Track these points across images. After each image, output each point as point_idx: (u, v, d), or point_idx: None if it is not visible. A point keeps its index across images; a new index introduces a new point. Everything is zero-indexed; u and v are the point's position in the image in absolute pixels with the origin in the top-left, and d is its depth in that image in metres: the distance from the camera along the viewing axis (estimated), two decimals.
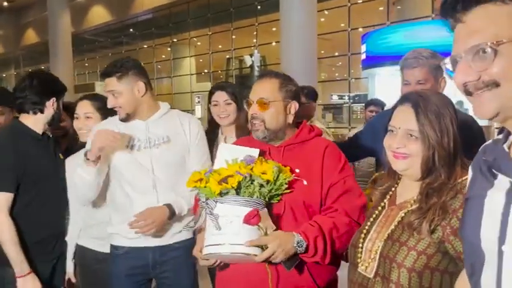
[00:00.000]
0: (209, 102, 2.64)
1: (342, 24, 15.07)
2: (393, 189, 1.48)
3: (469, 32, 0.86)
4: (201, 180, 1.58)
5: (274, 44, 15.48)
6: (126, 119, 2.12)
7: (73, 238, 2.38)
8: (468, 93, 0.87)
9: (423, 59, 2.16)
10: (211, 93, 2.63)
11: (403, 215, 1.36)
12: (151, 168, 2.11)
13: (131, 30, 22.03)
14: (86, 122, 2.28)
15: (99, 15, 21.51)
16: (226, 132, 2.60)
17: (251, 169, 1.57)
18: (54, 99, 2.33)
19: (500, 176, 0.90)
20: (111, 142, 1.98)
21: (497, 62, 0.82)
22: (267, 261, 1.56)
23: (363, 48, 11.76)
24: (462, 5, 0.86)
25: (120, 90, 2.08)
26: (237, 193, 1.55)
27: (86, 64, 26.07)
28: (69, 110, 2.60)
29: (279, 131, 1.76)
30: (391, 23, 12.98)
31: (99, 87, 22.57)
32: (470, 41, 0.85)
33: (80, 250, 2.37)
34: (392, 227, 1.35)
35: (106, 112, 2.29)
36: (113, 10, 20.88)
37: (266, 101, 1.73)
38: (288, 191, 1.64)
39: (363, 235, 1.43)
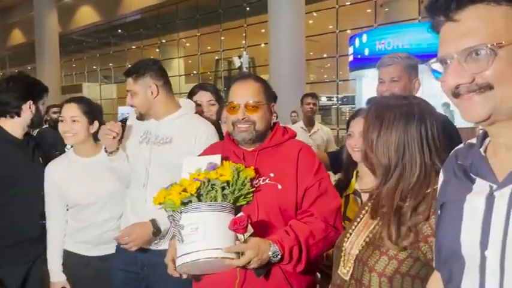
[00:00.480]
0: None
1: (330, 26, 15.16)
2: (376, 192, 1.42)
3: (463, 32, 0.82)
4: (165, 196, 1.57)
5: (263, 45, 15.50)
6: (141, 117, 2.20)
7: (58, 245, 2.31)
8: (456, 95, 0.84)
9: (398, 58, 2.24)
10: (193, 93, 2.56)
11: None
12: (148, 163, 2.14)
13: (119, 30, 21.89)
14: (72, 126, 2.24)
15: (86, 16, 21.34)
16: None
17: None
18: (31, 102, 2.31)
19: (478, 180, 0.89)
20: (110, 139, 2.11)
21: (494, 64, 0.80)
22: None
23: (350, 50, 11.85)
24: (456, 3, 0.83)
25: (136, 91, 2.16)
26: (200, 200, 1.53)
27: (74, 65, 25.81)
28: None
29: (264, 132, 1.75)
30: (379, 25, 13.10)
31: (87, 89, 22.42)
32: (463, 41, 0.82)
33: (65, 255, 2.34)
34: (372, 230, 1.33)
35: (93, 116, 2.29)
36: (100, 10, 20.73)
37: (256, 104, 1.72)
38: (252, 189, 1.62)
39: (346, 238, 1.41)
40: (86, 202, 2.26)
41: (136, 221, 2.10)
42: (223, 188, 1.55)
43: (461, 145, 0.99)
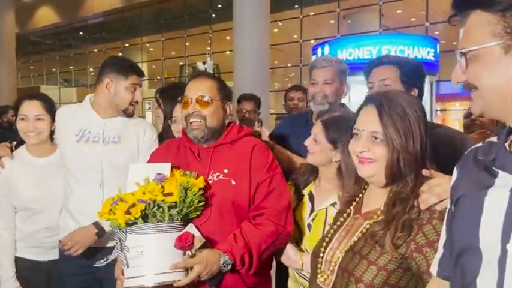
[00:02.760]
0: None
1: (295, 36, 15.37)
2: (360, 196, 1.40)
3: (462, 35, 0.91)
4: (110, 211, 1.52)
5: (228, 52, 15.51)
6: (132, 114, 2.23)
7: (10, 251, 2.22)
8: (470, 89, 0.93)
9: (331, 62, 2.29)
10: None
11: (368, 226, 1.27)
12: (100, 162, 2.11)
13: (81, 33, 21.31)
14: (36, 124, 2.18)
15: (46, 16, 20.66)
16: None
17: (160, 192, 1.52)
18: None
19: (501, 174, 0.89)
20: None
21: (469, 67, 0.89)
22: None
23: (313, 59, 12.02)
24: (463, 8, 0.91)
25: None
26: (145, 221, 1.49)
27: (31, 67, 24.88)
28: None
29: (217, 130, 1.75)
30: (341, 35, 13.41)
31: (45, 91, 21.54)
32: (461, 43, 0.91)
33: (15, 261, 2.24)
34: (355, 238, 1.28)
35: (53, 114, 2.25)
36: (61, 11, 20.13)
37: (207, 99, 1.72)
38: (202, 203, 1.61)
39: (324, 243, 1.36)
40: (39, 206, 2.19)
41: (86, 222, 2.07)
42: (170, 208, 1.51)
43: (479, 144, 1.02)
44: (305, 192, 1.89)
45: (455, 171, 1.03)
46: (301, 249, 1.78)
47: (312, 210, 1.82)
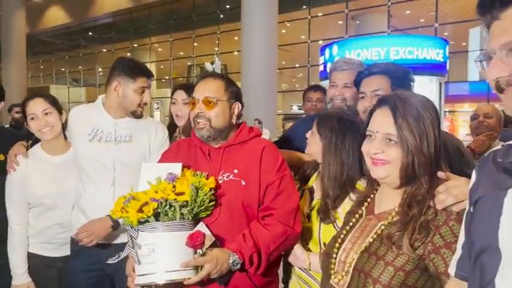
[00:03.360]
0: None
1: (303, 36, 15.38)
2: (371, 196, 1.40)
3: (504, 29, 0.88)
4: (123, 209, 1.55)
5: (236, 53, 15.55)
6: (140, 115, 2.25)
7: (23, 247, 2.25)
8: (500, 89, 0.89)
9: (353, 65, 2.25)
10: (173, 91, 2.61)
11: (382, 227, 1.28)
12: (112, 161, 2.15)
13: (90, 33, 21.50)
14: (47, 119, 2.22)
15: (56, 17, 20.86)
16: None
17: (172, 191, 1.55)
18: None
19: None
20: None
21: None
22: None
23: (321, 60, 12.03)
24: (500, 3, 0.89)
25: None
26: (157, 219, 1.52)
27: (41, 66, 25.15)
28: None
29: (223, 130, 1.77)
30: (349, 36, 13.38)
31: (54, 91, 21.80)
32: (503, 37, 0.88)
33: (27, 257, 2.27)
34: (370, 239, 1.28)
35: (59, 106, 2.30)
36: (71, 12, 20.31)
37: (212, 100, 1.74)
38: (213, 203, 1.62)
39: (337, 244, 1.35)
40: (52, 203, 2.22)
41: (95, 217, 2.10)
42: (181, 207, 1.54)
43: (498, 146, 1.02)
44: (305, 187, 1.92)
45: (473, 173, 1.04)
46: (309, 248, 1.79)
47: (311, 201, 1.86)
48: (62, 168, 2.24)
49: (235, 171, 1.71)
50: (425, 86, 9.80)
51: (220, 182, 1.70)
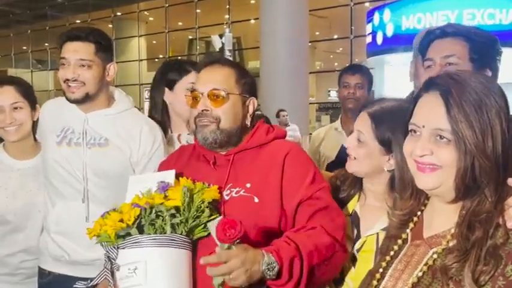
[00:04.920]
0: (168, 86, 2.59)
1: None
2: (418, 214, 1.38)
3: None
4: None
5: (252, 21, 15.57)
6: (80, 101, 2.18)
7: None
8: None
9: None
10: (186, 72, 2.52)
11: (435, 256, 1.26)
12: (83, 171, 2.17)
13: (59, 0, 21.82)
14: (15, 115, 2.26)
15: None
16: (178, 128, 2.51)
17: (164, 197, 1.58)
18: None
19: None
20: None
21: None
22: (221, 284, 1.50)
23: (369, 28, 11.94)
24: None
25: (95, 63, 2.17)
26: (142, 232, 1.54)
27: None
28: None
29: (234, 134, 1.77)
30: None
31: None
32: None
33: None
34: (419, 273, 1.26)
35: (34, 98, 2.34)
36: None
37: (222, 93, 1.75)
38: (215, 216, 1.62)
39: (375, 282, 1.34)
40: (18, 221, 2.27)
41: (68, 244, 2.15)
42: (172, 216, 1.56)
43: None
44: (348, 211, 1.87)
45: None
46: None
47: (358, 237, 1.81)
48: (30, 176, 2.29)
49: (248, 185, 1.71)
50: (509, 61, 9.64)
51: (226, 198, 1.70)
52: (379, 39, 11.40)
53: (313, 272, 1.60)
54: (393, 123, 1.68)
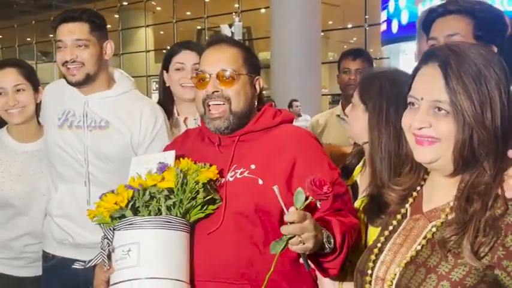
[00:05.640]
0: (164, 68, 2.57)
1: None
2: (418, 189, 1.41)
3: None
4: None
5: (263, 10, 15.55)
6: (80, 83, 2.20)
7: None
8: None
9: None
10: (172, 53, 2.55)
11: (434, 229, 1.29)
12: (84, 154, 2.21)
13: None
14: (18, 97, 2.30)
15: None
16: (185, 112, 2.52)
17: (159, 181, 1.62)
18: None
19: None
20: None
21: None
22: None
23: (384, 15, 11.88)
24: None
25: (92, 42, 2.20)
26: (137, 214, 1.59)
27: (0, 36, 25.81)
28: None
29: (245, 116, 1.80)
30: None
31: None
32: None
33: None
34: (418, 246, 1.29)
35: (36, 80, 2.39)
36: None
37: (232, 74, 1.76)
38: (211, 196, 1.66)
39: (373, 256, 1.37)
40: (22, 205, 2.32)
41: (72, 227, 2.20)
42: (167, 198, 1.60)
43: None
44: (349, 182, 1.94)
45: None
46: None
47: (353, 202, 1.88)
48: (34, 160, 2.35)
49: (252, 166, 1.73)
50: None
51: (230, 179, 1.73)
52: (395, 27, 11.34)
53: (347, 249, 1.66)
54: (371, 85, 1.81)
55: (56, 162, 2.25)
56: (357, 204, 1.85)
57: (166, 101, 2.51)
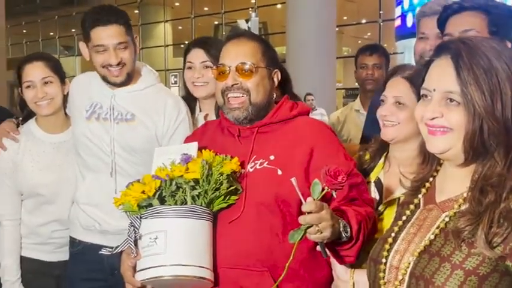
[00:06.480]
0: (184, 65, 2.58)
1: None
2: (431, 180, 1.42)
3: None
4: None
5: (279, 6, 15.49)
6: (126, 81, 2.26)
7: (15, 248, 2.41)
8: None
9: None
10: (185, 52, 2.56)
11: (447, 219, 1.30)
12: (110, 145, 2.27)
13: None
14: (46, 89, 2.35)
15: None
16: (206, 109, 2.52)
17: (184, 172, 1.65)
18: None
19: None
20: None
21: None
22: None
23: (398, 11, 11.78)
24: None
25: (129, 43, 2.25)
26: (163, 203, 1.64)
27: (24, 31, 26.01)
28: None
29: (263, 107, 1.83)
30: None
31: None
32: None
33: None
34: (431, 235, 1.30)
35: (63, 73, 2.45)
36: None
37: (251, 67, 1.79)
38: (233, 187, 1.69)
39: (387, 245, 1.39)
40: (51, 194, 2.38)
41: (98, 215, 2.26)
42: (192, 188, 1.64)
43: None
44: (371, 179, 1.92)
45: None
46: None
47: (380, 202, 1.86)
48: (62, 150, 2.41)
49: (271, 157, 1.76)
50: None
51: (250, 170, 1.76)
52: (409, 22, 11.25)
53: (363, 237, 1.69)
54: None
55: (83, 152, 2.30)
56: (395, 196, 1.83)
57: (189, 98, 2.52)
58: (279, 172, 1.74)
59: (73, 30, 23.51)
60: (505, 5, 2.06)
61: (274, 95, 1.89)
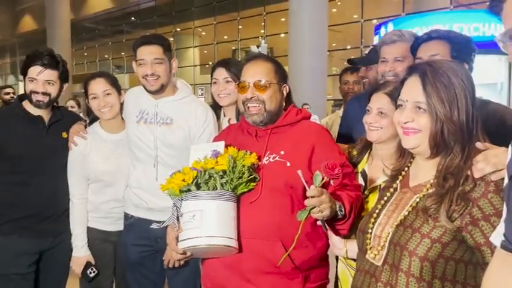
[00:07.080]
0: (211, 81, 2.60)
1: (355, 16, 15.01)
2: (406, 169, 1.47)
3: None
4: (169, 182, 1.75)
5: (282, 35, 15.45)
6: (156, 91, 2.30)
7: (83, 220, 2.47)
8: None
9: (403, 36, 2.19)
10: (212, 70, 2.59)
11: (417, 199, 1.34)
12: (154, 143, 2.31)
13: (132, 18, 22.05)
14: (107, 99, 2.44)
15: (99, 2, 21.56)
16: (229, 114, 2.54)
17: (214, 165, 1.71)
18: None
19: None
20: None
21: None
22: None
23: (375, 40, 11.70)
24: None
25: (164, 60, 2.30)
26: (199, 189, 1.69)
27: (85, 53, 26.15)
28: None
29: (275, 113, 1.86)
30: (407, 14, 12.91)
31: None
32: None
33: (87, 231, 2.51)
34: (406, 212, 1.34)
35: (119, 86, 2.52)
36: None
37: (266, 83, 1.82)
38: (252, 176, 1.72)
39: (372, 219, 1.43)
40: (110, 180, 2.47)
41: (146, 196, 2.32)
42: (221, 177, 1.69)
43: None
44: (358, 170, 1.94)
45: (510, 148, 1.05)
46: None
47: (365, 188, 1.88)
48: (119, 146, 2.47)
49: (282, 152, 1.79)
50: (493, 66, 9.32)
51: (266, 163, 1.79)
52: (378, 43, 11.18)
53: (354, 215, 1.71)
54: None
55: (134, 148, 2.36)
56: (377, 186, 1.83)
57: (216, 107, 2.56)
58: (288, 164, 1.77)
59: (123, 53, 23.63)
60: (464, 35, 2.05)
61: (284, 104, 1.90)
